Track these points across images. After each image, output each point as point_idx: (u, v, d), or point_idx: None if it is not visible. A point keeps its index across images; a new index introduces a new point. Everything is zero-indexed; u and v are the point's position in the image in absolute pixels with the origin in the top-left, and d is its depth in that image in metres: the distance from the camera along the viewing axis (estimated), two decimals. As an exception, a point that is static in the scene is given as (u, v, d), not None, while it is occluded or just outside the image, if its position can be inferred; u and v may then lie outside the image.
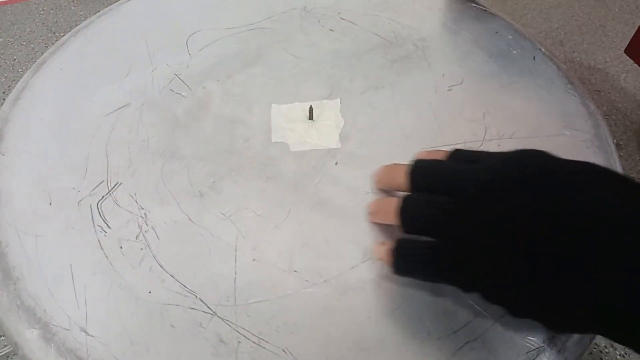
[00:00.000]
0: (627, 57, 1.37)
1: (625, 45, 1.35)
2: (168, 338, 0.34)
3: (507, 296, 0.29)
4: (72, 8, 1.66)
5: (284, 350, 0.34)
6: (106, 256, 0.38)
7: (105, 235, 0.39)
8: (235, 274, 0.37)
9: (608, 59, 1.55)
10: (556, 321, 0.29)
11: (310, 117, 0.47)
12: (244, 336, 0.34)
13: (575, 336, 0.35)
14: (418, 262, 0.33)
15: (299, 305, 0.35)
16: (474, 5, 0.59)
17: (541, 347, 0.34)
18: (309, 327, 0.35)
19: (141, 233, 0.39)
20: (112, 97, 0.49)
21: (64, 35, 0.57)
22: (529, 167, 0.30)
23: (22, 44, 1.54)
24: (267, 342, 0.34)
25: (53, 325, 0.34)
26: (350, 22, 0.57)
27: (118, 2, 0.60)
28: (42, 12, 1.65)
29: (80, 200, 0.41)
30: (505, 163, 0.31)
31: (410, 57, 0.53)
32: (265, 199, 0.41)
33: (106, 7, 0.60)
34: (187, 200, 0.41)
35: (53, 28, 1.59)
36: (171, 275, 0.37)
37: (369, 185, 0.42)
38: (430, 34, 0.56)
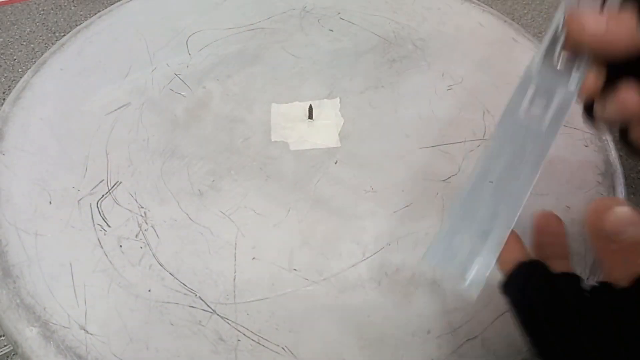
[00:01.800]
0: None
1: (625, 46, 1.34)
2: (167, 336, 0.34)
3: None
4: (72, 8, 1.66)
5: (283, 349, 0.34)
6: (106, 254, 0.38)
7: (105, 234, 0.39)
8: (235, 272, 0.37)
9: (608, 60, 1.55)
10: None
11: (310, 116, 0.47)
12: (244, 334, 0.34)
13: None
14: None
15: (299, 304, 0.36)
16: (473, 5, 0.60)
17: (540, 345, 0.34)
18: (309, 325, 0.35)
19: (141, 232, 0.39)
20: (112, 97, 0.49)
21: (64, 35, 0.57)
22: None
23: (22, 44, 1.54)
24: (266, 340, 0.34)
25: (53, 323, 0.34)
26: (349, 22, 0.57)
27: (118, 2, 0.61)
28: (42, 12, 1.65)
29: (80, 199, 0.41)
30: None
31: (409, 57, 0.53)
32: (265, 197, 0.41)
33: (106, 7, 0.60)
34: (186, 199, 0.41)
35: (53, 28, 1.59)
36: (171, 274, 0.37)
37: (368, 184, 0.42)
38: (430, 34, 0.56)
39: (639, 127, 0.26)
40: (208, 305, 0.35)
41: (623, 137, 0.28)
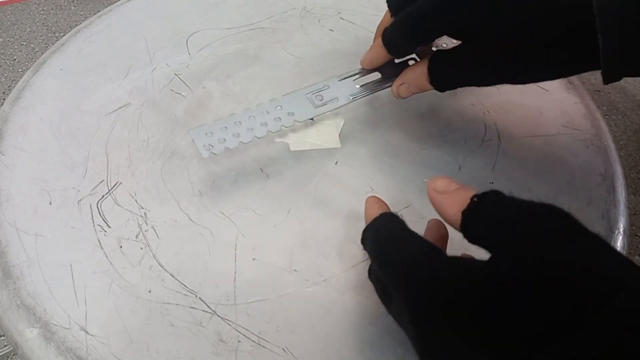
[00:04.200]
0: (627, 57, 1.36)
1: (625, 46, 1.34)
2: (168, 337, 0.34)
3: None
4: (72, 8, 1.67)
5: (283, 350, 0.34)
6: (106, 255, 0.38)
7: (105, 235, 0.39)
8: (235, 273, 0.37)
9: (608, 59, 1.55)
10: None
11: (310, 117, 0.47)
12: (244, 335, 0.34)
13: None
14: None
15: (299, 305, 0.36)
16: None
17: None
18: (309, 326, 0.35)
19: (141, 232, 0.39)
20: (112, 97, 0.49)
21: (64, 35, 0.57)
22: None
23: (22, 44, 1.54)
24: (267, 341, 0.34)
25: (53, 324, 0.34)
26: (350, 22, 0.57)
27: (118, 2, 0.61)
28: (42, 12, 1.65)
29: (80, 200, 0.41)
30: None
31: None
32: (265, 198, 0.41)
33: (106, 7, 0.60)
34: (187, 199, 0.41)
35: (53, 28, 1.59)
36: (171, 275, 0.37)
37: (369, 184, 0.42)
38: (430, 34, 0.56)
39: None
40: (208, 306, 0.35)
41: None
